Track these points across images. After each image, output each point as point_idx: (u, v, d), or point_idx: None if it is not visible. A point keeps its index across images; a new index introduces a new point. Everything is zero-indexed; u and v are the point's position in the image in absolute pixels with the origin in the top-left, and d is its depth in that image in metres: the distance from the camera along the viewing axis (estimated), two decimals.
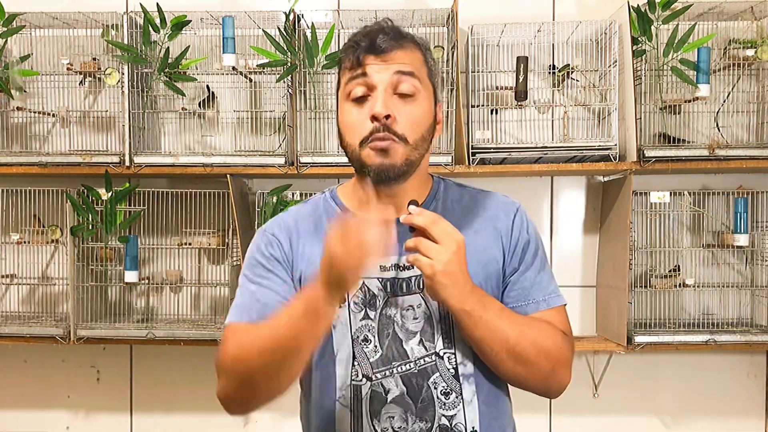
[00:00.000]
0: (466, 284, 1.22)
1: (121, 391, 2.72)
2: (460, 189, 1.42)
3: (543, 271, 1.36)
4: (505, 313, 1.26)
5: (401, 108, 1.26)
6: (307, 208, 1.42)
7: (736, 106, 2.52)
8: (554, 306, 1.34)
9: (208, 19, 2.46)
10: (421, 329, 1.29)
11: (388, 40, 1.28)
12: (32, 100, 2.62)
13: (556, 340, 1.29)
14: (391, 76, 1.26)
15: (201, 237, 2.53)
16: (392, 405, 1.28)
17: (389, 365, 1.28)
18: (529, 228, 1.37)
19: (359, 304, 1.31)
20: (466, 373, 1.29)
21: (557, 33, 2.53)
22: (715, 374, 2.63)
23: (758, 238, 2.49)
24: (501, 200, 1.40)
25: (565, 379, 1.31)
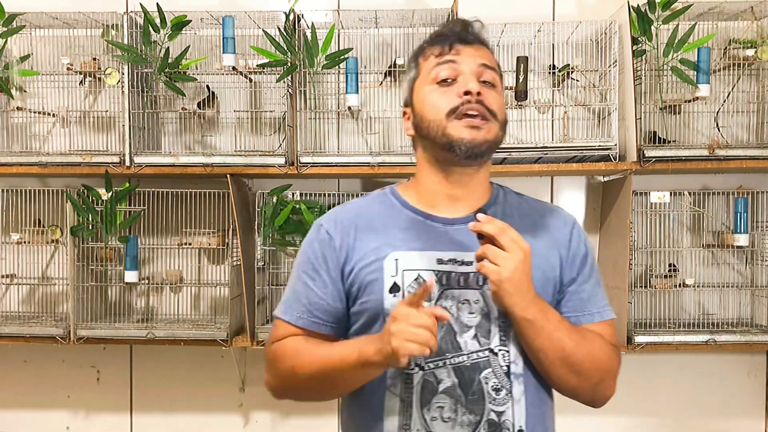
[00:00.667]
0: (529, 292, 1.25)
1: (121, 391, 2.72)
2: (519, 197, 1.45)
3: (598, 285, 1.40)
4: (563, 323, 1.29)
5: (488, 91, 1.32)
6: (365, 203, 1.45)
7: (736, 106, 2.52)
8: (607, 319, 1.38)
9: (208, 19, 2.46)
10: (477, 324, 1.30)
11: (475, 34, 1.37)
12: (32, 100, 2.62)
13: (607, 352, 1.33)
14: (478, 65, 1.33)
15: (201, 237, 2.53)
16: (443, 395, 1.28)
17: (442, 356, 1.29)
18: (585, 240, 1.41)
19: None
20: (517, 372, 1.31)
21: (557, 33, 2.53)
22: (715, 374, 2.63)
23: (758, 238, 2.49)
24: (557, 211, 1.45)
25: (610, 390, 1.36)
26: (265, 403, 2.70)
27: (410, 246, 1.33)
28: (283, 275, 2.57)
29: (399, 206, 1.40)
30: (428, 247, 1.33)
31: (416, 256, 1.32)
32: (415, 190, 1.41)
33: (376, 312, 1.32)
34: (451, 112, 1.29)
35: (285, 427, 2.71)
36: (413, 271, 1.31)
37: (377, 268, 1.32)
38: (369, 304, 1.33)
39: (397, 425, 1.29)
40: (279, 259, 2.59)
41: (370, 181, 2.63)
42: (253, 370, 2.69)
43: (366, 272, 1.33)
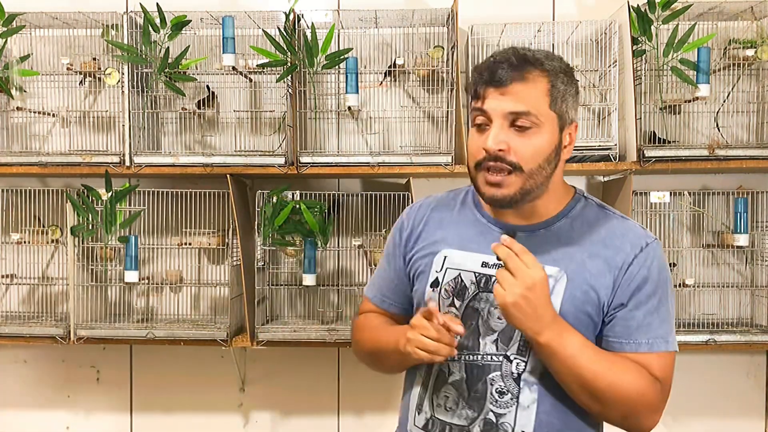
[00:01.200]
0: (542, 317, 1.25)
1: (121, 391, 2.72)
2: (599, 211, 1.42)
3: (655, 314, 1.33)
4: (586, 350, 1.28)
5: (516, 140, 1.30)
6: (449, 196, 1.53)
7: (736, 106, 2.52)
8: (657, 350, 1.33)
9: (208, 19, 2.46)
10: (501, 330, 1.35)
11: (510, 71, 1.30)
12: (32, 100, 2.62)
13: (641, 385, 1.29)
14: (507, 113, 1.30)
15: (201, 237, 2.53)
16: (450, 386, 1.38)
17: (461, 352, 1.36)
18: (653, 266, 1.34)
19: (449, 291, 1.40)
20: (530, 380, 1.34)
21: (557, 33, 2.53)
22: (715, 374, 2.63)
23: (758, 238, 2.49)
24: (633, 231, 1.38)
25: (646, 422, 1.32)
26: (265, 403, 2.70)
27: (464, 246, 1.40)
28: (283, 275, 2.57)
29: (473, 206, 1.46)
30: (480, 249, 1.38)
31: (465, 257, 1.39)
32: None
33: (420, 302, 1.45)
34: (477, 165, 1.33)
35: (285, 427, 2.71)
36: (455, 270, 1.40)
37: (429, 261, 1.44)
38: (417, 293, 1.47)
39: (416, 403, 1.43)
40: (279, 259, 2.59)
41: (370, 181, 2.63)
42: (253, 370, 2.69)
43: (420, 263, 1.46)
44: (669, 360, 1.35)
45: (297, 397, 2.69)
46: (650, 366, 1.32)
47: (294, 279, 2.57)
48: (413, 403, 1.43)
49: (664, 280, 1.35)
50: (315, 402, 2.69)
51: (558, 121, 1.33)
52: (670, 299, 1.36)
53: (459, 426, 1.36)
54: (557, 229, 1.38)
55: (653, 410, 1.31)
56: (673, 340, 1.35)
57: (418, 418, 1.42)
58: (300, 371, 2.68)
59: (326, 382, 2.69)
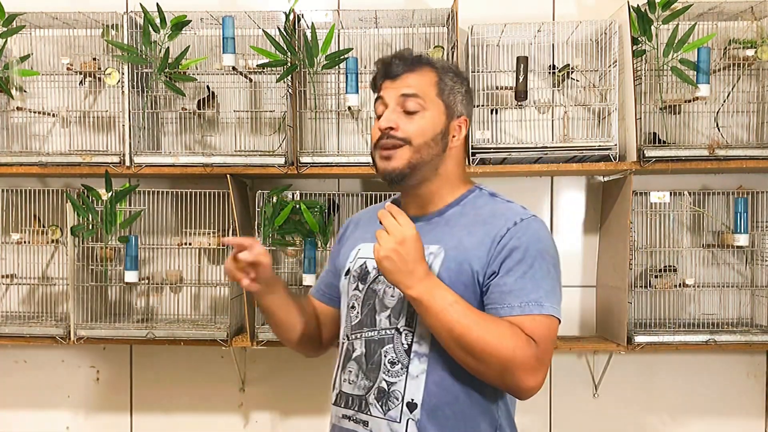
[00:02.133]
0: (413, 272, 1.36)
1: (121, 391, 2.72)
2: (489, 197, 1.55)
3: (527, 278, 1.40)
4: (457, 305, 1.36)
5: (405, 120, 1.48)
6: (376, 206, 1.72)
7: (736, 106, 2.52)
8: (530, 313, 1.38)
9: (208, 19, 2.46)
10: (393, 306, 1.48)
11: (403, 65, 1.51)
12: (32, 100, 2.61)
13: (512, 341, 1.34)
14: (398, 97, 1.49)
15: (201, 237, 2.53)
16: (353, 362, 1.51)
17: (361, 330, 1.52)
18: (524, 237, 1.42)
19: (355, 277, 1.56)
20: (420, 351, 1.44)
21: (557, 33, 2.53)
22: (715, 374, 2.63)
23: (758, 238, 2.49)
24: (513, 210, 1.49)
25: (526, 383, 1.35)
26: (265, 403, 2.70)
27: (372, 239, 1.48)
28: (283, 275, 2.57)
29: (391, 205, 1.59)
30: None
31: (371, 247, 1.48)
32: None
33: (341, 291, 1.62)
34: (374, 145, 1.51)
35: (285, 427, 2.71)
36: (362, 259, 1.56)
37: (347, 255, 1.62)
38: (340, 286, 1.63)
39: (332, 383, 1.58)
40: (279, 259, 2.59)
41: (370, 181, 2.63)
42: (253, 370, 2.69)
43: (343, 258, 1.63)
44: (545, 322, 1.39)
45: (297, 397, 2.69)
46: (523, 326, 1.36)
47: (294, 279, 2.57)
48: (332, 383, 1.58)
49: (539, 250, 1.42)
50: (315, 402, 2.69)
51: (445, 110, 1.51)
52: (546, 268, 1.42)
53: (358, 396, 1.49)
54: (448, 215, 1.52)
55: (530, 369, 1.34)
56: (549, 305, 1.39)
57: (332, 395, 1.57)
58: (300, 371, 2.68)
59: (326, 382, 2.67)
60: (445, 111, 1.51)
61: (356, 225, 1.70)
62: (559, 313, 1.41)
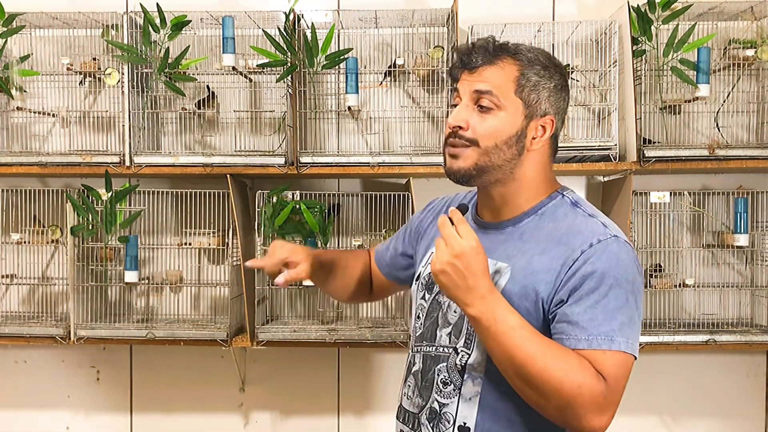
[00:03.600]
0: (473, 289, 1.23)
1: (121, 391, 2.72)
2: (570, 208, 1.39)
3: (598, 309, 1.24)
4: (521, 330, 1.22)
5: (477, 118, 1.35)
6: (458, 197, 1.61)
7: (736, 106, 2.52)
8: (598, 348, 1.23)
9: (208, 19, 2.46)
10: (455, 323, 1.39)
11: (480, 56, 1.36)
12: (32, 100, 2.61)
13: (579, 377, 1.20)
14: (471, 92, 1.36)
15: (201, 237, 2.53)
16: (412, 376, 1.45)
17: (421, 343, 1.45)
18: (600, 262, 1.26)
19: (422, 285, 1.48)
20: (475, 373, 1.35)
21: (557, 33, 2.53)
22: (715, 374, 2.63)
23: (758, 238, 2.48)
24: (591, 228, 1.32)
25: (588, 423, 1.21)
26: (265, 403, 2.70)
27: None
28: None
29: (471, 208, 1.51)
30: None
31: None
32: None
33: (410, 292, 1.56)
34: (445, 141, 1.40)
35: (285, 427, 2.71)
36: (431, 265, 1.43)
37: (421, 255, 1.55)
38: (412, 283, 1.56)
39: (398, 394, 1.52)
40: None
41: (370, 181, 2.63)
42: (253, 370, 2.69)
43: (418, 255, 1.57)
44: (616, 359, 1.24)
45: (297, 397, 2.69)
46: (593, 363, 1.22)
47: None
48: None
49: (615, 277, 1.26)
50: (315, 402, 2.69)
51: (524, 109, 1.35)
52: (624, 298, 1.26)
53: (412, 414, 1.43)
54: (523, 225, 1.37)
55: (596, 409, 1.21)
56: (622, 340, 1.24)
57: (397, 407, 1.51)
58: (300, 371, 2.68)
59: (326, 382, 2.68)
60: (524, 110, 1.35)
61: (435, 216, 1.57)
62: (635, 350, 1.27)
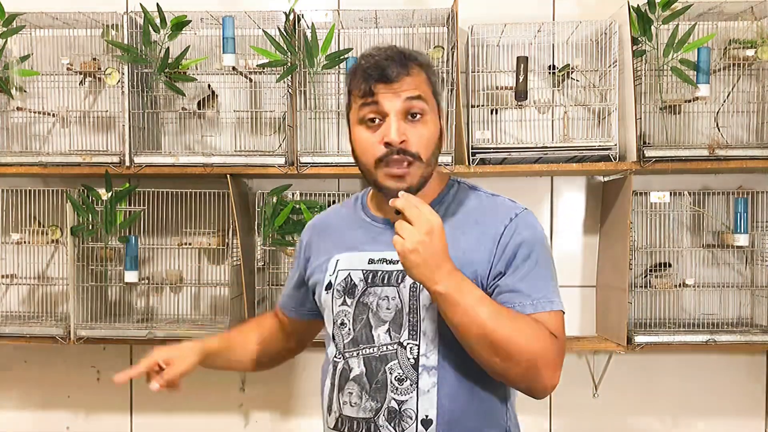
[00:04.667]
0: (441, 266, 1.26)
1: (121, 391, 2.72)
2: (471, 192, 1.47)
3: (534, 276, 1.35)
4: (486, 301, 1.28)
5: (412, 131, 1.35)
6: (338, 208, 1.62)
7: (736, 106, 2.52)
8: (543, 311, 1.33)
9: (208, 19, 2.46)
10: (391, 319, 1.39)
11: (397, 67, 1.35)
12: (32, 100, 2.62)
13: (541, 338, 1.29)
14: (402, 103, 1.34)
15: (201, 237, 2.53)
16: (352, 382, 1.40)
17: (357, 347, 1.40)
18: (525, 233, 1.37)
19: (340, 291, 1.44)
20: (428, 365, 1.36)
21: (557, 33, 2.53)
22: (715, 374, 2.63)
23: (758, 238, 2.48)
24: (503, 205, 1.43)
25: (549, 380, 1.31)
26: (265, 403, 2.70)
27: (352, 247, 1.45)
28: (283, 275, 2.57)
29: (359, 209, 1.53)
30: (366, 248, 1.44)
31: (353, 257, 1.44)
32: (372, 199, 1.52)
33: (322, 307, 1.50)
34: (378, 161, 1.36)
35: (285, 427, 2.71)
36: (345, 271, 1.45)
37: (323, 268, 1.49)
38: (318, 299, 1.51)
39: (327, 404, 1.45)
40: (279, 259, 2.59)
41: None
42: None
43: (317, 272, 1.51)
44: (558, 318, 1.35)
45: (297, 397, 2.69)
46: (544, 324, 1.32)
47: None
48: (325, 405, 1.47)
49: (540, 244, 1.38)
50: (315, 402, 2.67)
51: (438, 109, 1.41)
52: (548, 261, 1.38)
53: (365, 419, 1.38)
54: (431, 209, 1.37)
55: (553, 366, 1.30)
56: (558, 300, 1.35)
57: (329, 418, 1.45)
58: (300, 372, 2.68)
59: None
60: (438, 110, 1.42)
61: (321, 232, 1.57)
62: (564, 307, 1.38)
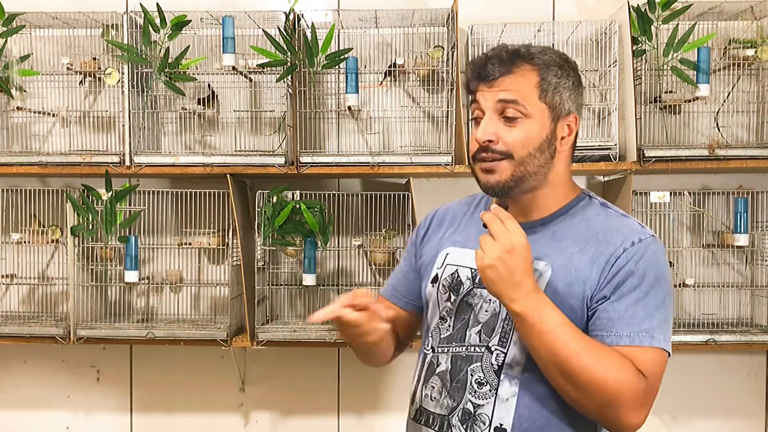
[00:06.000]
0: (520, 285, 1.24)
1: (121, 391, 2.72)
2: (601, 209, 1.42)
3: (639, 306, 1.27)
4: (564, 328, 1.24)
5: (505, 130, 1.33)
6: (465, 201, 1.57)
7: (736, 106, 2.52)
8: (639, 345, 1.26)
9: (208, 19, 2.46)
10: (485, 322, 1.37)
11: (498, 67, 1.34)
12: (32, 100, 2.62)
13: (621, 373, 1.22)
14: (495, 103, 1.33)
15: (201, 237, 2.53)
16: (436, 377, 1.41)
17: (450, 344, 1.40)
18: (642, 261, 1.29)
19: (446, 287, 1.44)
20: (512, 373, 1.33)
21: (557, 33, 2.53)
22: (715, 374, 2.63)
23: (758, 238, 2.48)
24: (629, 227, 1.36)
25: (626, 418, 1.24)
26: (265, 403, 2.70)
27: (466, 243, 1.44)
28: (283, 275, 2.57)
29: (482, 206, 1.50)
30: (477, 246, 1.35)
31: (464, 253, 1.42)
32: None
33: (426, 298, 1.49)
34: (473, 156, 1.37)
35: (285, 427, 2.71)
36: (453, 266, 1.43)
37: (433, 258, 1.48)
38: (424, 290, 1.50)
39: (411, 395, 1.47)
40: (279, 259, 2.59)
41: (370, 181, 2.63)
42: (253, 370, 2.69)
43: (427, 260, 1.50)
44: (655, 357, 1.27)
45: (297, 397, 2.69)
46: (633, 360, 1.25)
47: (294, 279, 2.57)
48: (410, 396, 1.48)
49: (655, 276, 1.29)
50: (315, 402, 2.69)
51: (550, 113, 1.35)
52: (662, 297, 1.30)
53: (440, 415, 1.38)
54: (554, 225, 1.38)
55: (636, 406, 1.23)
56: (661, 337, 1.28)
57: (411, 409, 1.46)
58: (300, 371, 2.68)
59: (326, 382, 2.69)
60: (551, 114, 1.34)
61: (440, 222, 1.54)
62: (670, 348, 1.30)
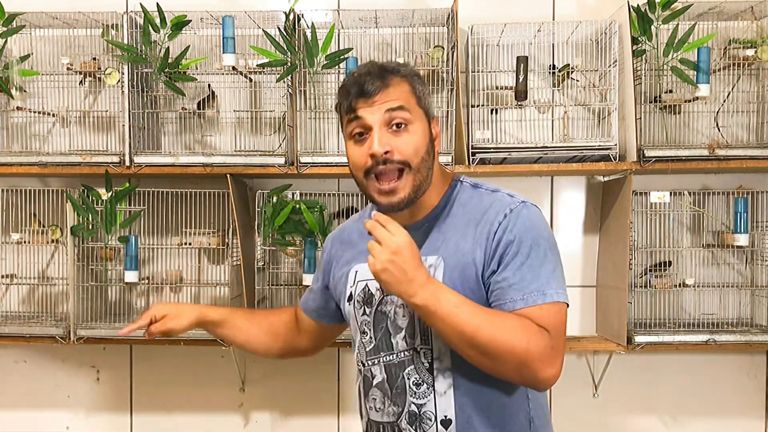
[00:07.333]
0: (414, 280, 1.30)
1: (121, 391, 2.72)
2: (473, 190, 1.50)
3: (525, 269, 1.36)
4: (464, 306, 1.31)
5: (397, 140, 1.40)
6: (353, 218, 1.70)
7: (736, 106, 2.52)
8: (534, 304, 1.34)
9: (208, 19, 2.46)
10: (407, 325, 1.45)
11: (374, 81, 1.40)
12: (32, 100, 2.62)
13: (525, 334, 1.30)
14: (382, 115, 1.40)
15: (201, 237, 2.53)
16: (375, 389, 1.48)
17: (378, 355, 1.48)
18: (516, 228, 1.38)
19: (360, 302, 1.51)
20: (442, 367, 1.41)
21: (557, 33, 2.53)
22: (715, 374, 2.63)
23: (758, 238, 2.48)
24: (499, 201, 1.44)
25: (543, 374, 1.32)
26: (265, 403, 2.70)
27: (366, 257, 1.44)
28: (283, 275, 2.57)
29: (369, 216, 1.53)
30: None
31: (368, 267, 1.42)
32: None
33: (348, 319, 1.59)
34: (366, 173, 1.42)
35: (285, 427, 2.71)
36: (363, 281, 1.51)
37: (345, 280, 1.57)
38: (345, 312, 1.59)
39: (360, 410, 1.55)
40: (279, 259, 2.59)
41: None
42: (253, 370, 2.69)
43: (340, 285, 1.59)
44: (552, 310, 1.35)
45: (297, 397, 2.69)
46: (532, 318, 1.33)
47: (294, 279, 2.57)
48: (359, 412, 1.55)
49: (533, 238, 1.38)
50: (315, 402, 2.69)
51: (425, 117, 1.45)
52: (543, 254, 1.37)
53: (389, 423, 1.45)
54: (438, 219, 1.46)
55: (546, 359, 1.32)
56: (552, 292, 1.35)
57: (362, 423, 1.54)
58: (300, 371, 2.68)
59: (326, 382, 2.69)
60: (426, 117, 1.45)
61: (342, 243, 1.63)
62: (566, 297, 1.38)
